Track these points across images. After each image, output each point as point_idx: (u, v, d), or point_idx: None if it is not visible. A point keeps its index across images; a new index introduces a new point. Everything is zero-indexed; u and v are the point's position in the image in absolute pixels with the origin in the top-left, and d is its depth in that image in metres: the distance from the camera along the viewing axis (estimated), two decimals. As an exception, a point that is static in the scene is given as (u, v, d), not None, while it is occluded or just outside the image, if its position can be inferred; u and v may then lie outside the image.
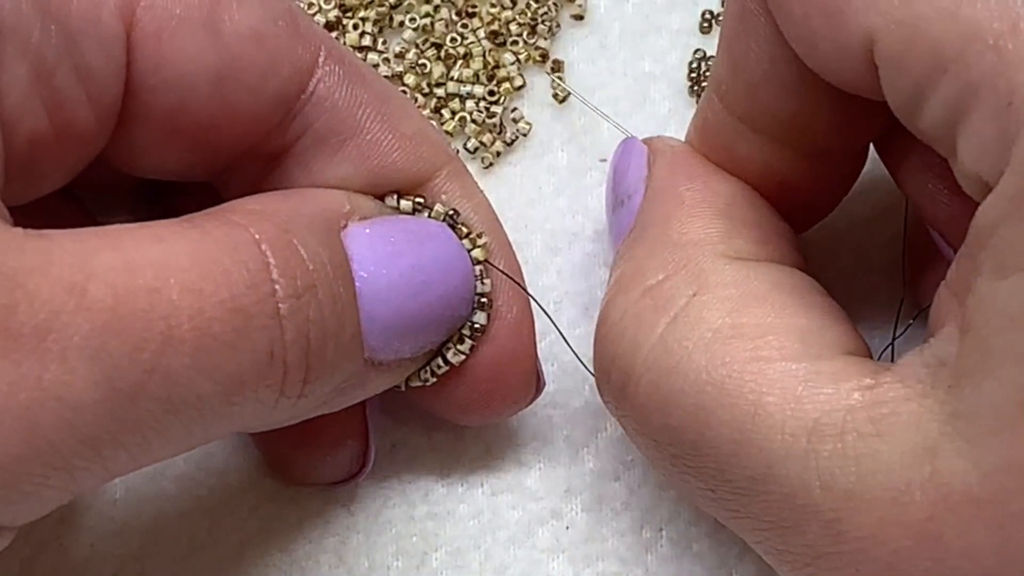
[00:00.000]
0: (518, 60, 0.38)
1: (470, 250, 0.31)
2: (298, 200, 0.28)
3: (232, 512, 0.34)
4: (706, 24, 0.38)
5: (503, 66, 0.38)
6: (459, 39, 0.38)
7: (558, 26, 0.38)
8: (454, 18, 0.38)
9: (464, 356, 0.31)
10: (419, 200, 0.31)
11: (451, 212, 0.31)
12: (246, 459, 0.34)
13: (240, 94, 0.28)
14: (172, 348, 0.24)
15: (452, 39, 0.38)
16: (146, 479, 0.34)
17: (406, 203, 0.30)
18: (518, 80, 0.38)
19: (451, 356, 0.31)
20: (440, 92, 0.37)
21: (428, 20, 0.38)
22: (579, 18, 0.38)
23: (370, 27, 0.38)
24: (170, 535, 0.33)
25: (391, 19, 0.38)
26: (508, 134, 0.37)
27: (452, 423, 0.34)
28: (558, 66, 0.38)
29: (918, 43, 0.24)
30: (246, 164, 0.30)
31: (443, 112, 0.37)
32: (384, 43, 0.38)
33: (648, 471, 0.34)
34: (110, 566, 0.33)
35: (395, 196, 0.30)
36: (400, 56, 0.38)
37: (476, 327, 0.30)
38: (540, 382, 0.33)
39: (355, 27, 0.38)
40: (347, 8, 0.38)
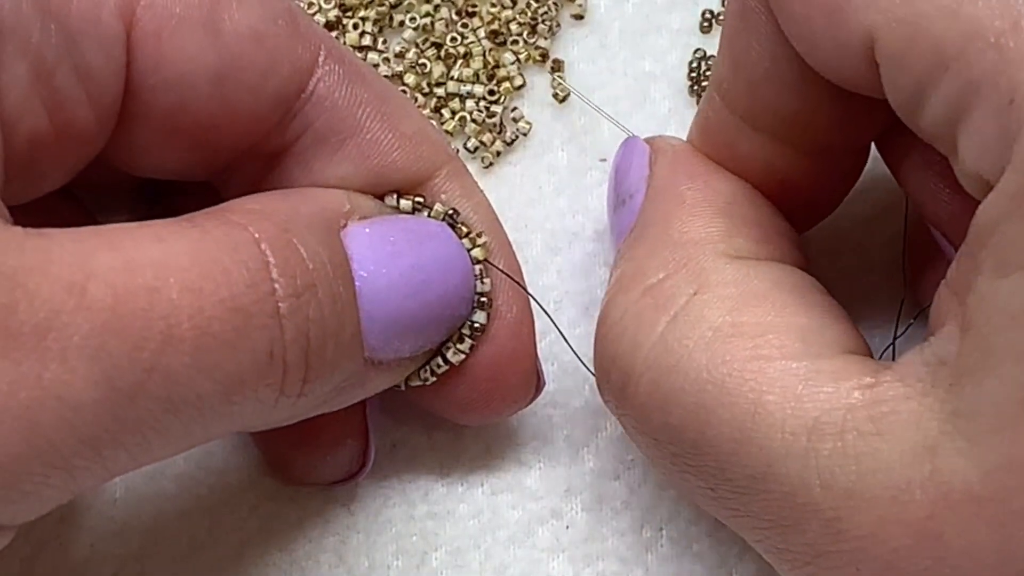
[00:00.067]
0: (518, 60, 0.38)
1: (470, 249, 0.31)
2: (298, 199, 0.28)
3: (232, 512, 0.34)
4: (706, 24, 0.38)
5: (503, 66, 0.38)
6: (459, 39, 0.38)
7: (558, 26, 0.38)
8: (454, 18, 0.38)
9: (464, 355, 0.31)
10: (419, 200, 0.31)
11: (451, 211, 0.31)
12: (246, 459, 0.34)
13: (240, 94, 0.28)
14: (172, 347, 0.24)
15: (452, 39, 0.38)
16: (146, 479, 0.34)
17: (406, 203, 0.30)
18: (518, 80, 0.38)
19: (451, 355, 0.30)
20: (440, 92, 0.37)
21: (428, 20, 0.38)
22: (579, 18, 0.38)
23: (370, 27, 0.38)
24: (170, 535, 0.33)
25: (391, 19, 0.38)
26: (508, 134, 0.37)
27: (452, 423, 0.34)
28: (558, 66, 0.38)
29: (919, 41, 0.24)
30: (246, 164, 0.30)
31: (443, 112, 0.37)
32: (384, 43, 0.38)
33: (648, 471, 0.34)
34: (110, 566, 0.33)
35: (395, 196, 0.30)
36: (400, 56, 0.38)
37: (476, 326, 0.30)
38: (540, 382, 0.33)
39: (355, 27, 0.38)
40: (347, 8, 0.38)
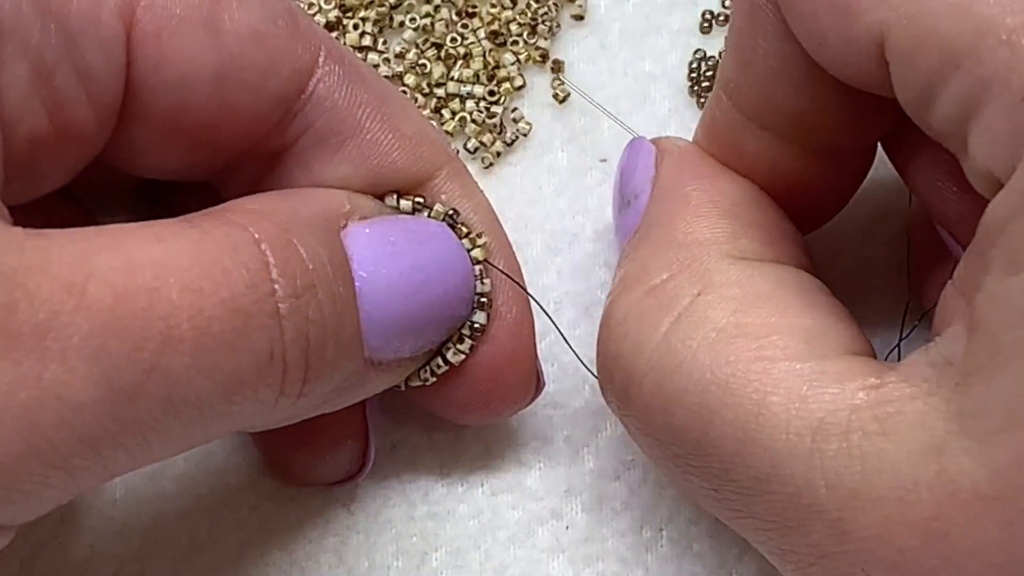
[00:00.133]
0: (518, 60, 0.38)
1: (470, 250, 0.31)
2: (298, 200, 0.28)
3: (232, 512, 0.34)
4: (706, 24, 0.38)
5: (503, 66, 0.38)
6: (459, 39, 0.38)
7: (558, 26, 0.38)
8: (454, 18, 0.38)
9: (464, 356, 0.31)
10: (419, 200, 0.31)
11: (451, 212, 0.31)
12: (246, 459, 0.34)
13: (240, 94, 0.28)
14: (171, 348, 0.24)
15: (452, 39, 0.38)
16: (146, 479, 0.34)
17: (406, 203, 0.30)
18: (518, 80, 0.37)
19: (451, 356, 0.30)
20: (440, 92, 0.37)
21: (428, 20, 0.38)
22: (579, 18, 0.38)
23: (370, 27, 0.38)
24: (170, 535, 0.33)
25: (391, 19, 0.38)
26: (508, 134, 0.37)
27: (452, 423, 0.34)
28: (558, 66, 0.38)
29: (930, 39, 0.23)
30: (246, 164, 0.30)
31: (443, 112, 0.37)
32: (384, 43, 0.38)
33: (648, 471, 0.34)
34: (110, 566, 0.33)
35: (395, 196, 0.30)
36: (400, 56, 0.38)
37: (476, 327, 0.30)
38: (540, 382, 0.33)
39: (355, 27, 0.38)
40: (347, 8, 0.38)
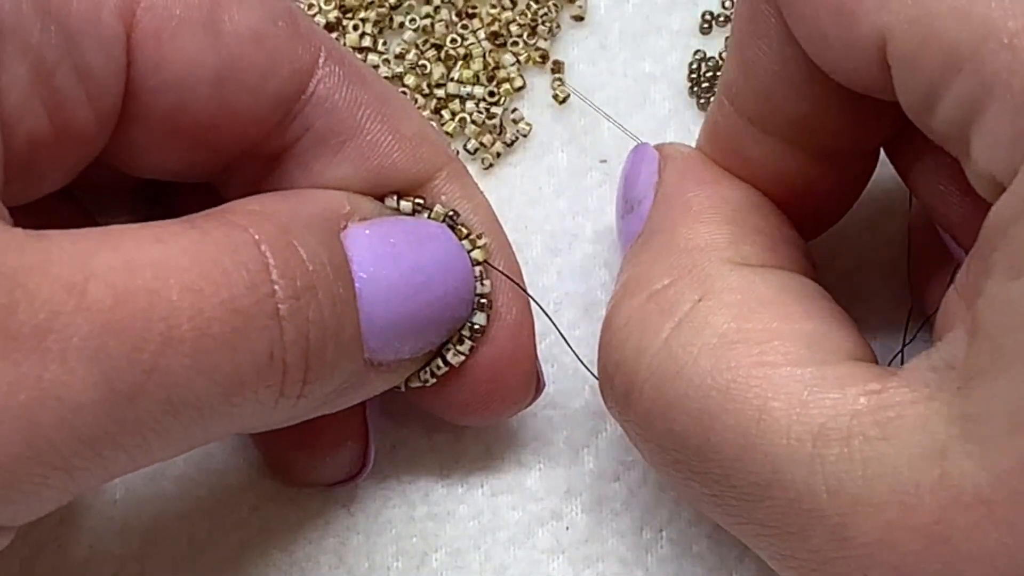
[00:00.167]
0: (518, 61, 0.38)
1: (470, 251, 0.31)
2: (298, 201, 0.28)
3: (232, 512, 0.34)
4: (706, 24, 0.38)
5: (503, 67, 0.38)
6: (459, 40, 0.38)
7: (558, 27, 0.38)
8: (454, 19, 0.38)
9: (464, 357, 0.31)
10: (419, 201, 0.31)
11: (451, 213, 0.31)
12: (246, 459, 0.34)
13: (240, 94, 0.28)
14: (171, 349, 0.24)
15: (452, 40, 0.38)
16: (146, 479, 0.34)
17: (406, 204, 0.30)
18: (518, 81, 0.37)
19: (451, 357, 0.30)
20: (440, 93, 0.37)
21: (428, 21, 0.38)
22: (579, 19, 0.38)
23: (370, 28, 0.38)
24: (170, 535, 0.33)
25: (391, 20, 0.38)
26: (508, 135, 0.37)
27: (452, 424, 0.34)
28: (558, 67, 0.38)
29: (932, 42, 0.23)
30: (246, 164, 0.30)
31: (443, 113, 0.37)
32: (384, 44, 0.38)
33: (648, 472, 0.34)
34: (110, 566, 0.33)
35: (395, 197, 0.30)
36: (400, 57, 0.38)
37: (476, 328, 0.30)
38: (540, 383, 0.33)
39: (355, 28, 0.38)
40: (347, 9, 0.38)
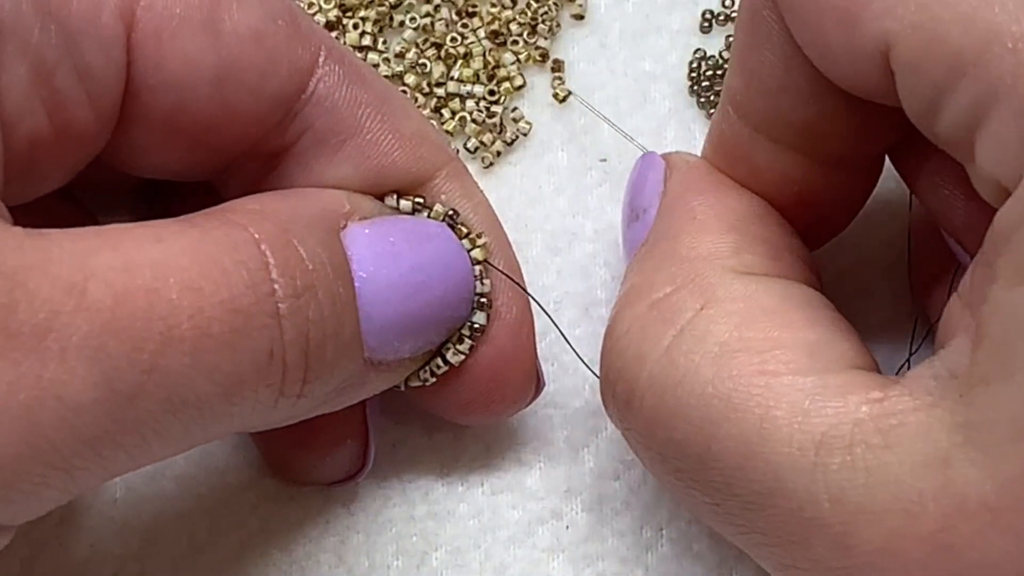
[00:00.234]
0: (518, 60, 0.38)
1: (470, 250, 0.31)
2: (298, 200, 0.28)
3: (232, 512, 0.34)
4: (706, 24, 0.38)
5: (503, 66, 0.38)
6: (459, 39, 0.38)
7: (558, 26, 0.38)
8: (454, 18, 0.38)
9: (464, 356, 0.31)
10: (419, 200, 0.31)
11: (451, 212, 0.31)
12: (246, 459, 0.34)
13: (240, 94, 0.28)
14: (171, 348, 0.24)
15: (452, 39, 0.38)
16: (146, 479, 0.34)
17: (406, 203, 0.30)
18: (518, 80, 0.37)
19: (451, 356, 0.30)
20: (440, 92, 0.37)
21: (428, 20, 0.38)
22: (579, 18, 0.38)
23: (370, 27, 0.38)
24: (170, 535, 0.33)
25: (391, 19, 0.38)
26: (508, 134, 0.37)
27: (452, 423, 0.34)
28: (558, 66, 0.38)
29: (936, 47, 0.23)
30: (246, 164, 0.30)
31: (443, 112, 0.37)
32: (384, 43, 0.38)
33: (648, 472, 0.34)
34: (110, 566, 0.33)
35: (395, 196, 0.30)
36: (400, 56, 0.38)
37: (476, 327, 0.30)
38: (540, 382, 0.33)
39: (355, 27, 0.38)
40: (347, 8, 0.38)
